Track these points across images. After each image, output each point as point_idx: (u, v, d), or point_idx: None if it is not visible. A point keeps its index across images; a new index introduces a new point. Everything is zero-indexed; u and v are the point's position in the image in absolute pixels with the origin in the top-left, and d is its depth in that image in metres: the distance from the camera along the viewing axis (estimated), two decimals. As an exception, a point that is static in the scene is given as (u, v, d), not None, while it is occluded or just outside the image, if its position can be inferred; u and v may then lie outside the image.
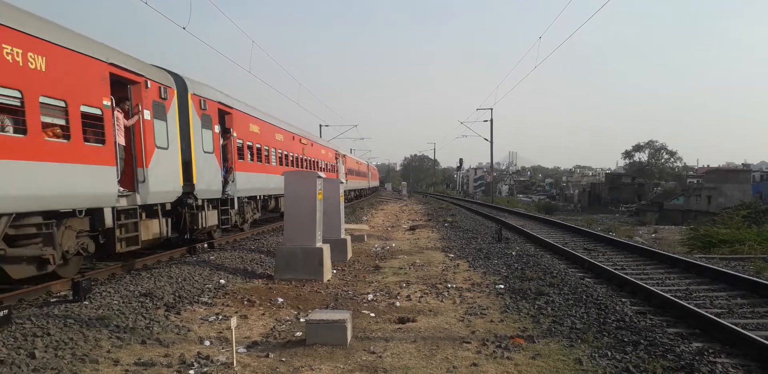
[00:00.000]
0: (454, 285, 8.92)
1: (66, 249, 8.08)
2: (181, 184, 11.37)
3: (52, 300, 7.35)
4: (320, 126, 51.45)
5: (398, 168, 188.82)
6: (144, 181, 9.81)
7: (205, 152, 12.57)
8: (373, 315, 7.08)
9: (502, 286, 8.75)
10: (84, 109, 8.18)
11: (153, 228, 10.51)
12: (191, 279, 8.75)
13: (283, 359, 5.30)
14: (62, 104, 7.70)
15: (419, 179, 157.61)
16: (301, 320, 6.68)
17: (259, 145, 17.13)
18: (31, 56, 7.07)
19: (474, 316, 6.92)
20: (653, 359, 5.16)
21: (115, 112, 9.23)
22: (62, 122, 7.73)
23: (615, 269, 10.35)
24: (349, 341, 5.76)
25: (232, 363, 5.09)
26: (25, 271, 7.49)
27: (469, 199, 69.10)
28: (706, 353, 5.49)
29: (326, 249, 9.58)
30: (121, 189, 9.28)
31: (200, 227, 12.35)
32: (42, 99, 7.24)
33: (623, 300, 7.99)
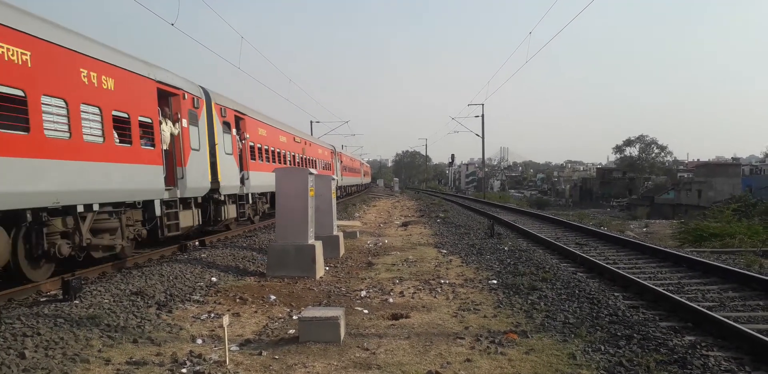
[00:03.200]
0: (447, 281, 8.91)
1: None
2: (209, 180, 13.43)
3: (41, 300, 7.28)
4: (311, 122, 51.36)
5: (390, 164, 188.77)
6: (183, 179, 11.79)
7: (226, 153, 14.55)
8: (366, 311, 7.06)
9: (495, 282, 8.75)
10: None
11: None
12: (183, 277, 8.69)
13: (276, 357, 5.27)
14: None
15: (411, 175, 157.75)
16: (294, 317, 6.65)
17: (267, 147, 19.43)
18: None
19: (467, 312, 6.92)
20: (646, 353, 5.17)
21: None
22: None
23: (607, 263, 10.38)
24: (342, 338, 5.73)
25: (225, 362, 5.05)
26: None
27: (461, 195, 69.22)
28: (698, 346, 5.50)
29: (318, 246, 9.54)
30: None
31: (223, 218, 14.56)
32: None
33: (616, 294, 8.00)
